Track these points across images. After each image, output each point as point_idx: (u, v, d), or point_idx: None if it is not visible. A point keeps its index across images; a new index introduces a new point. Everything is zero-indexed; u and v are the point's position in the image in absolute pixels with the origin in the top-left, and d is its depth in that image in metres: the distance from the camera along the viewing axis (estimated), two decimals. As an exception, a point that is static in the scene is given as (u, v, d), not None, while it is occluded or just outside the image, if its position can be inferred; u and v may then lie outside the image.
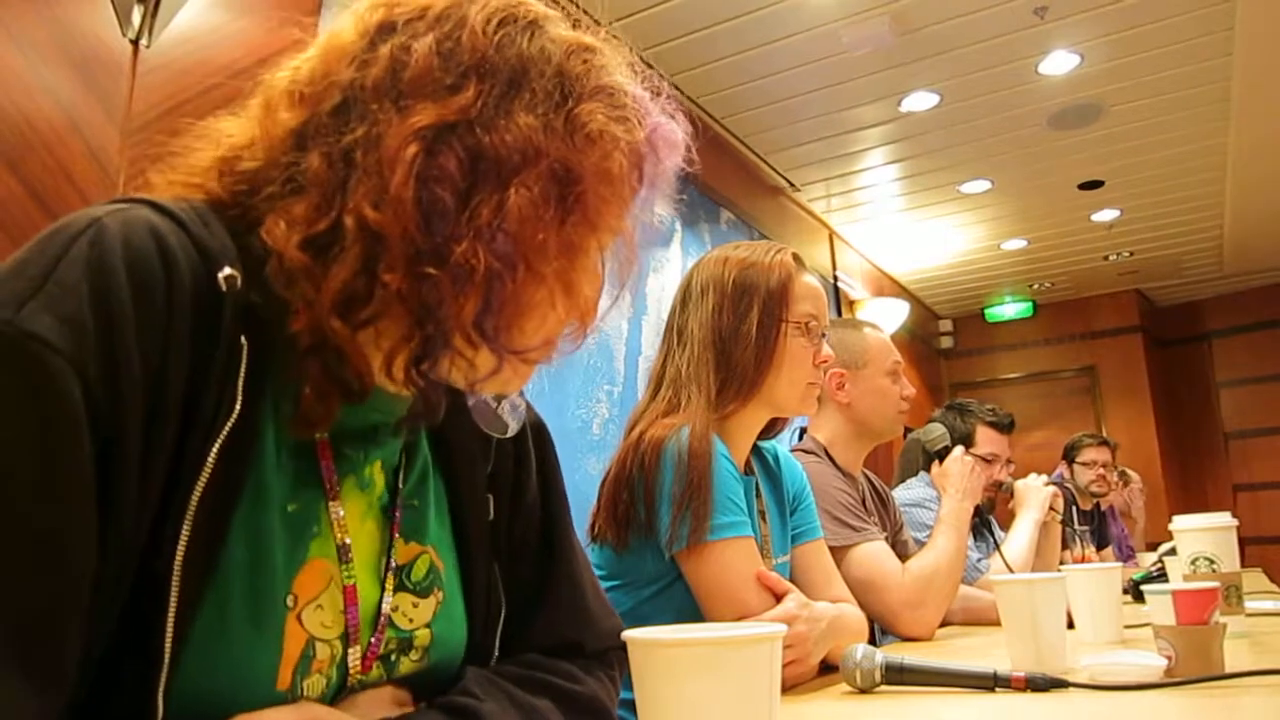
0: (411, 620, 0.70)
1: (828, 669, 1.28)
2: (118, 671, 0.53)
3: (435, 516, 0.75)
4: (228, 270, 0.56)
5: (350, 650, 0.64)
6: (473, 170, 0.58)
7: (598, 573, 1.42)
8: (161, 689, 0.53)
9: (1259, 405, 7.17)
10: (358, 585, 0.66)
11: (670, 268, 3.74)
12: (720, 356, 1.41)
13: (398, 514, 0.71)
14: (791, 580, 1.39)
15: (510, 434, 0.77)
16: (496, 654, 0.77)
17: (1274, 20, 3.51)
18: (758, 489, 1.49)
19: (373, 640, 0.67)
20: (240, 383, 0.55)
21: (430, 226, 0.57)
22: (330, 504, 0.65)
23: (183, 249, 0.55)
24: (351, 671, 0.65)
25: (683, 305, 1.48)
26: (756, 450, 1.54)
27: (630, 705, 0.67)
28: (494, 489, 0.79)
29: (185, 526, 0.53)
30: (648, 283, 3.58)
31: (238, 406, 0.55)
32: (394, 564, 0.69)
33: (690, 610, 1.31)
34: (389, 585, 0.68)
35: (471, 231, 0.57)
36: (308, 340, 0.58)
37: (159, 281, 0.53)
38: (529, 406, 0.81)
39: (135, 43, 1.82)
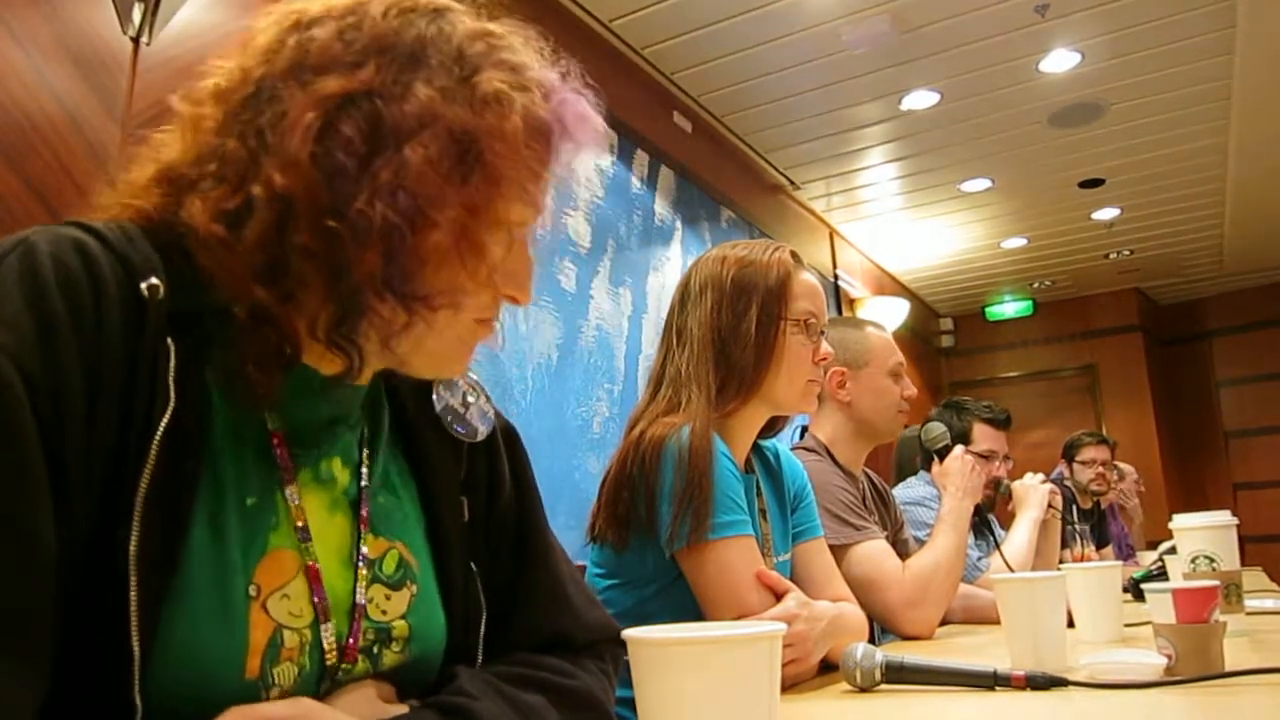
0: (386, 612, 0.71)
1: (828, 668, 1.28)
2: (95, 670, 0.54)
3: (408, 519, 0.76)
4: (151, 280, 0.59)
5: (323, 629, 0.65)
6: (372, 136, 0.62)
7: (597, 571, 1.43)
8: (137, 685, 0.55)
9: (1259, 404, 7.18)
10: (323, 572, 0.67)
11: (670, 266, 3.74)
12: (720, 355, 1.41)
13: (365, 509, 0.72)
14: (792, 579, 1.39)
15: (480, 438, 0.81)
16: (481, 655, 0.77)
17: (1275, 19, 3.50)
18: (758, 487, 1.49)
19: (352, 629, 0.68)
20: (170, 380, 0.58)
21: (332, 186, 0.60)
22: (287, 490, 0.66)
23: (107, 262, 0.58)
24: (328, 654, 0.66)
25: (681, 304, 1.48)
26: (757, 449, 1.54)
27: (630, 704, 0.67)
28: (468, 492, 0.81)
29: (135, 521, 0.55)
30: (648, 281, 3.59)
31: (171, 402, 0.58)
32: (365, 555, 0.70)
33: (691, 609, 1.31)
34: (362, 575, 0.70)
35: (370, 190, 0.60)
36: (241, 316, 0.61)
37: (86, 290, 0.56)
38: (499, 414, 0.85)
39: (136, 40, 1.82)
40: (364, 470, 0.74)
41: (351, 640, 0.68)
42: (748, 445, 1.49)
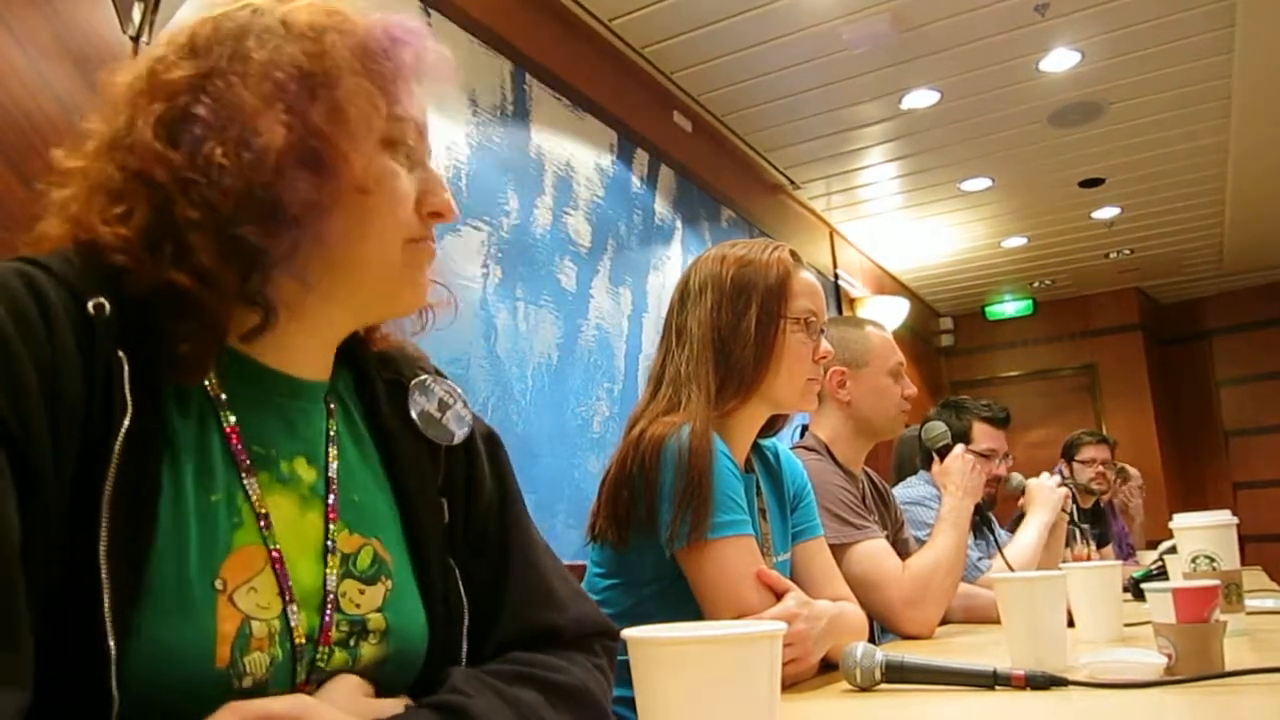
0: (359, 605, 0.72)
1: (828, 667, 1.28)
2: (72, 667, 0.56)
3: (383, 518, 0.78)
4: (97, 300, 0.62)
5: (289, 611, 0.66)
6: (218, 103, 0.67)
7: (597, 571, 1.43)
8: (114, 679, 0.56)
9: (1259, 403, 7.18)
10: (292, 566, 0.68)
11: (670, 265, 3.74)
12: (720, 355, 1.41)
13: (332, 499, 0.74)
14: (792, 578, 1.39)
15: (456, 441, 0.83)
16: (466, 654, 0.78)
17: (1274, 18, 3.50)
18: (758, 487, 1.49)
19: (324, 621, 0.69)
20: (127, 390, 0.61)
21: (191, 158, 0.65)
22: (249, 486, 0.68)
23: (52, 288, 0.61)
24: (296, 638, 0.66)
25: (681, 304, 1.48)
26: (757, 448, 1.54)
27: (630, 703, 0.67)
28: (447, 493, 0.82)
29: (103, 518, 0.58)
30: (648, 281, 3.59)
31: (129, 409, 0.61)
32: (336, 547, 0.72)
33: (691, 608, 1.31)
34: (332, 565, 0.71)
35: (223, 145, 0.65)
36: (165, 302, 0.64)
37: (34, 314, 0.59)
38: (479, 419, 0.88)
39: (135, 40, 1.82)
40: (332, 464, 0.75)
41: (325, 628, 0.69)
42: (748, 444, 1.49)
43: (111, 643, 0.56)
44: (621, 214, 3.48)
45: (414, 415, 0.82)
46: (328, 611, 0.70)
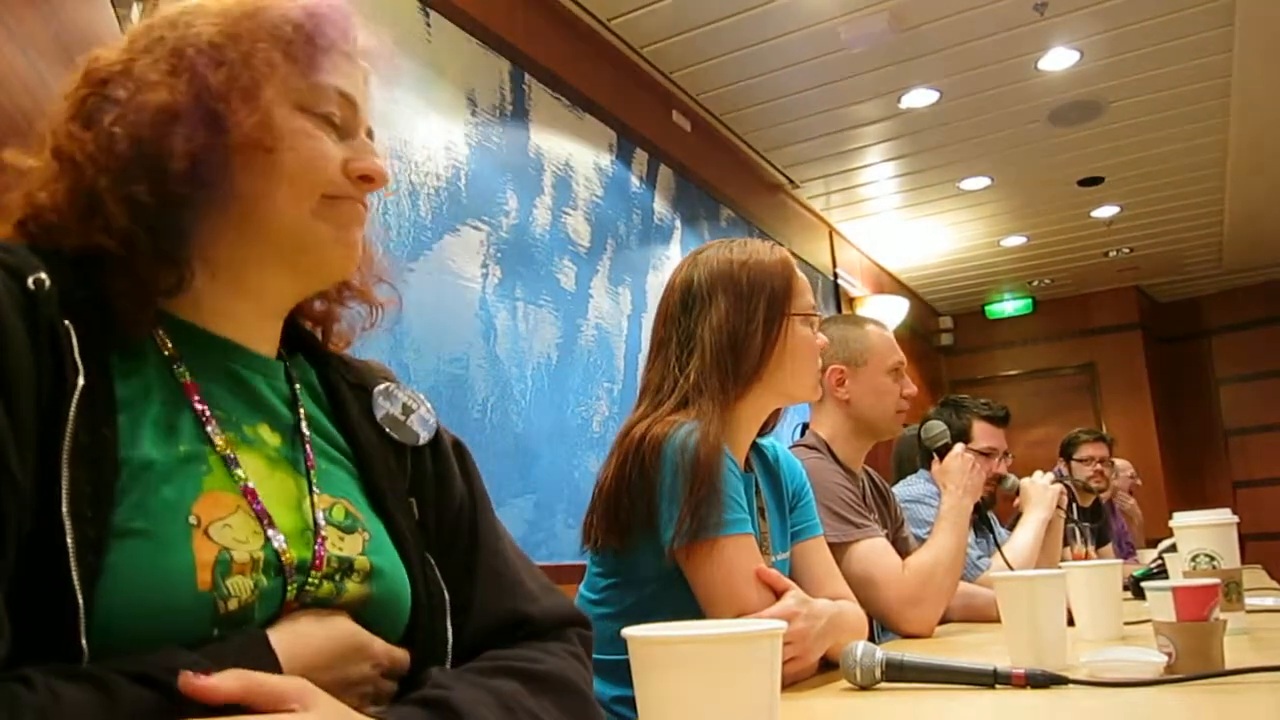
0: (341, 549, 0.74)
1: (828, 666, 1.28)
2: (38, 625, 0.57)
3: (354, 494, 0.80)
4: (37, 275, 0.64)
5: (273, 537, 0.68)
6: (125, 89, 0.72)
7: (596, 570, 1.43)
8: (83, 630, 0.57)
9: (1259, 402, 7.18)
10: (276, 513, 0.70)
11: (670, 265, 3.73)
12: (733, 358, 1.40)
13: (308, 451, 0.77)
14: (791, 577, 1.39)
15: (422, 442, 0.86)
16: (451, 641, 0.79)
17: (1273, 17, 3.51)
18: (757, 486, 1.50)
19: (318, 548, 0.71)
20: (77, 356, 0.63)
21: (96, 132, 0.70)
22: (214, 438, 0.70)
23: None
24: (286, 561, 0.68)
25: (684, 309, 1.46)
26: (755, 447, 1.54)
27: (630, 702, 0.67)
28: (416, 494, 0.84)
29: (63, 472, 0.60)
30: (647, 280, 3.59)
31: (80, 373, 0.63)
32: (315, 498, 0.74)
33: (690, 607, 1.31)
34: (318, 504, 0.74)
35: (123, 118, 0.70)
36: (93, 265, 0.68)
37: None
38: (445, 428, 0.90)
39: (134, 40, 1.82)
40: (302, 425, 0.78)
41: (318, 556, 0.71)
42: (748, 443, 1.49)
43: (80, 596, 0.57)
44: (621, 213, 3.48)
45: (379, 418, 0.84)
46: (320, 542, 0.72)
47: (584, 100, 3.32)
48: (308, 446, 0.77)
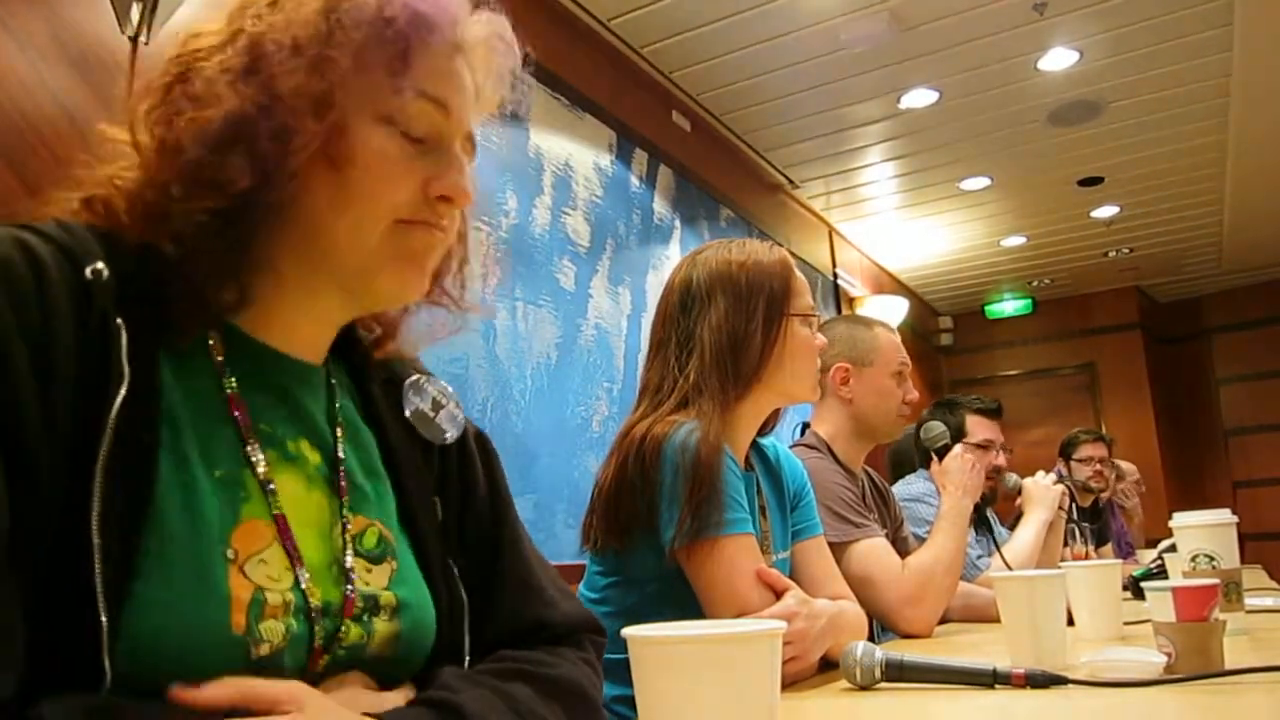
0: (369, 583, 0.72)
1: (828, 666, 1.28)
2: (63, 642, 0.55)
3: (385, 504, 0.78)
4: (95, 265, 0.61)
5: (300, 577, 0.66)
6: (201, 79, 0.67)
7: (596, 569, 1.43)
8: (106, 651, 0.55)
9: (1258, 402, 7.18)
10: (300, 543, 0.67)
11: (669, 265, 3.73)
12: (733, 358, 1.41)
13: (341, 477, 0.74)
14: (792, 577, 1.39)
15: (449, 440, 0.84)
16: (468, 650, 0.78)
17: (1273, 16, 3.51)
18: (759, 485, 1.50)
19: (348, 592, 0.69)
20: (124, 358, 0.60)
21: (164, 120, 0.67)
22: (253, 458, 0.67)
23: (48, 254, 0.60)
24: (313, 604, 0.66)
25: (684, 309, 1.46)
26: (756, 447, 1.55)
27: (630, 701, 0.67)
28: (441, 493, 0.83)
29: (96, 488, 0.57)
30: (647, 280, 3.59)
31: (125, 378, 0.60)
32: (347, 526, 0.72)
33: (690, 607, 1.31)
34: (343, 539, 0.71)
35: (188, 113, 0.66)
36: (151, 264, 0.65)
37: (29, 282, 0.58)
38: (470, 421, 0.88)
39: (134, 40, 1.82)
40: (339, 445, 0.75)
41: (348, 601, 0.69)
42: (747, 443, 1.49)
43: (104, 616, 0.55)
44: (620, 213, 3.48)
45: (408, 414, 0.82)
46: (350, 586, 0.69)
47: (583, 100, 3.31)
48: (342, 469, 0.74)
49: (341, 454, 0.75)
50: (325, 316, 0.76)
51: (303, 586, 0.66)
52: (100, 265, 0.61)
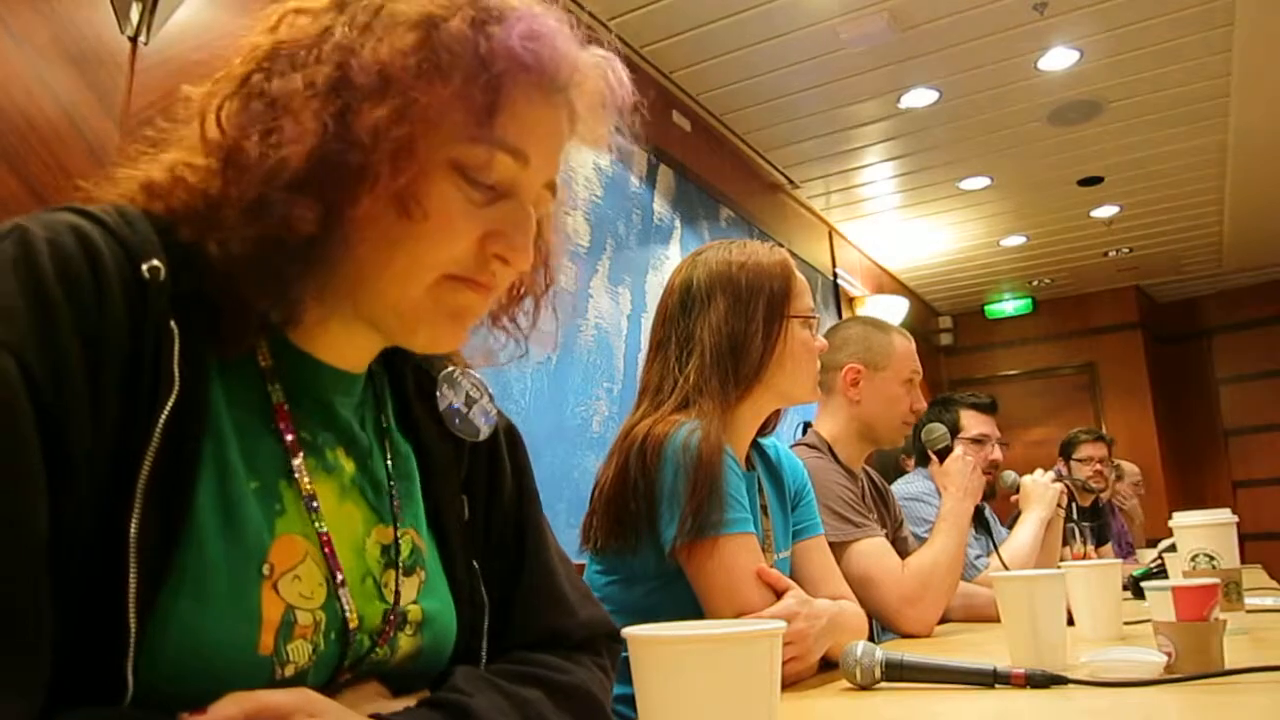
0: (400, 597, 0.71)
1: (828, 666, 1.28)
2: (89, 650, 0.54)
3: (417, 509, 0.77)
4: (152, 262, 0.59)
5: (343, 598, 0.65)
6: (280, 88, 0.62)
7: (596, 568, 1.43)
8: (130, 663, 0.54)
9: (1258, 402, 7.18)
10: (340, 556, 0.67)
11: (669, 265, 3.74)
12: (732, 359, 1.41)
13: (376, 490, 0.73)
14: (792, 577, 1.39)
15: (481, 438, 0.81)
16: (485, 654, 0.78)
17: (1273, 16, 3.50)
18: (760, 484, 1.50)
19: (390, 616, 0.69)
20: (175, 364, 0.58)
21: (235, 126, 0.62)
22: (296, 471, 0.66)
23: (106, 246, 0.57)
24: (350, 624, 0.65)
25: (683, 310, 1.46)
26: (757, 446, 1.55)
27: (630, 701, 0.67)
28: (469, 491, 0.81)
29: (137, 500, 0.55)
30: (647, 280, 3.59)
31: (175, 386, 0.57)
32: (378, 540, 0.71)
33: (690, 606, 1.31)
34: (378, 555, 0.70)
35: (260, 132, 0.61)
36: (205, 268, 0.61)
37: (85, 273, 0.55)
38: (501, 413, 0.86)
39: (134, 40, 1.82)
40: (387, 461, 0.74)
41: (390, 622, 0.68)
42: (748, 443, 1.49)
43: (133, 624, 0.54)
44: (620, 213, 3.47)
45: (441, 410, 0.80)
46: (390, 605, 0.69)
47: (584, 100, 3.31)
48: (379, 479, 0.73)
49: (376, 462, 0.74)
50: (367, 345, 0.74)
51: (344, 604, 0.65)
52: (157, 263, 0.59)
